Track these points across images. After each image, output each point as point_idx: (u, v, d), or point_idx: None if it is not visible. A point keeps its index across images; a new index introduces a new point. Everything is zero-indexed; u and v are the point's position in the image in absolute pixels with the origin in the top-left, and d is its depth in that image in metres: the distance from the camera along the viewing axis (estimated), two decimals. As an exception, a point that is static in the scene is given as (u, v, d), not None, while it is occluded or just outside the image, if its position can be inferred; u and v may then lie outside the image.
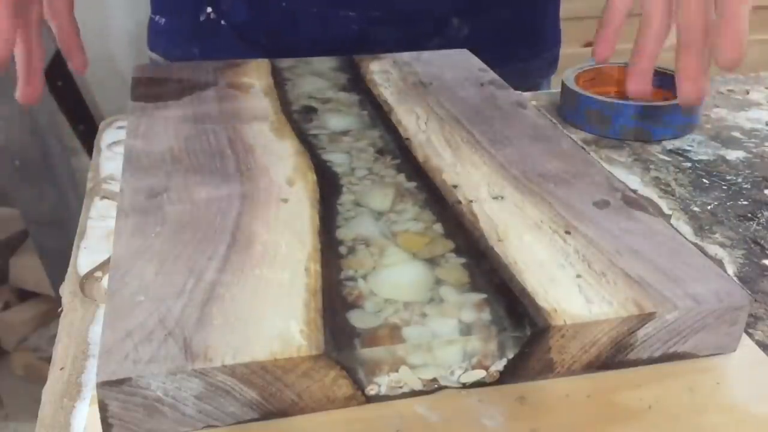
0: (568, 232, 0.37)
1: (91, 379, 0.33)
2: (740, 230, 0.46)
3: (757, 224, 0.46)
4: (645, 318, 0.32)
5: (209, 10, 0.66)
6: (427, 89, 0.56)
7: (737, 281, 0.40)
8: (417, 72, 0.59)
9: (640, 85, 0.42)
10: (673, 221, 0.47)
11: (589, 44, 1.66)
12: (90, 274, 0.41)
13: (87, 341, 0.36)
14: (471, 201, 0.40)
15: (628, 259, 0.35)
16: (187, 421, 0.29)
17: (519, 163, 0.44)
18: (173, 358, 0.29)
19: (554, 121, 0.61)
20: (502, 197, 0.41)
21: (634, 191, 0.50)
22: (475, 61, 0.62)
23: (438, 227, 0.38)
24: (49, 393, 0.33)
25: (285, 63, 0.60)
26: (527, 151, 0.46)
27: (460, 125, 0.50)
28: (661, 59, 0.44)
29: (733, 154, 0.56)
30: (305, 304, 0.32)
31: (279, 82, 0.56)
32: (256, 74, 0.58)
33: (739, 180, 0.52)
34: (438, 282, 0.34)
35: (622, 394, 0.32)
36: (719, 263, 0.42)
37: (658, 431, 0.30)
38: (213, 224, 0.38)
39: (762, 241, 0.44)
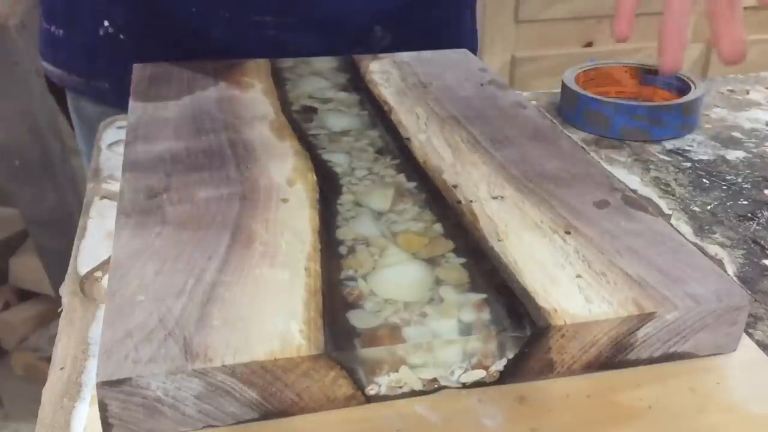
0: (568, 232, 0.37)
1: (91, 379, 0.33)
2: (740, 230, 0.46)
3: (757, 224, 0.46)
4: (645, 318, 0.32)
5: (106, 23, 0.62)
6: (427, 89, 0.56)
7: (737, 281, 0.41)
8: (417, 72, 0.59)
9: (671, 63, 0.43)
10: (673, 221, 0.47)
11: (589, 44, 1.67)
12: (90, 274, 0.41)
13: (87, 341, 0.36)
14: (471, 201, 0.40)
15: (628, 259, 0.35)
16: (187, 421, 0.29)
17: (519, 163, 0.44)
18: (173, 358, 0.29)
19: (554, 121, 0.61)
20: (502, 197, 0.41)
21: (634, 191, 0.50)
22: (475, 61, 0.62)
23: (438, 227, 0.38)
24: (49, 393, 0.33)
25: (285, 63, 0.60)
26: (527, 151, 0.46)
27: (460, 125, 0.50)
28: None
29: (733, 154, 0.56)
30: (305, 304, 0.32)
31: (279, 82, 0.56)
32: (256, 74, 0.58)
33: (739, 180, 0.52)
34: (438, 282, 0.34)
35: (622, 394, 0.32)
36: (719, 263, 0.42)
37: (658, 431, 0.30)
38: (213, 224, 0.38)
39: (762, 241, 0.44)
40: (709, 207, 0.48)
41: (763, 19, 1.65)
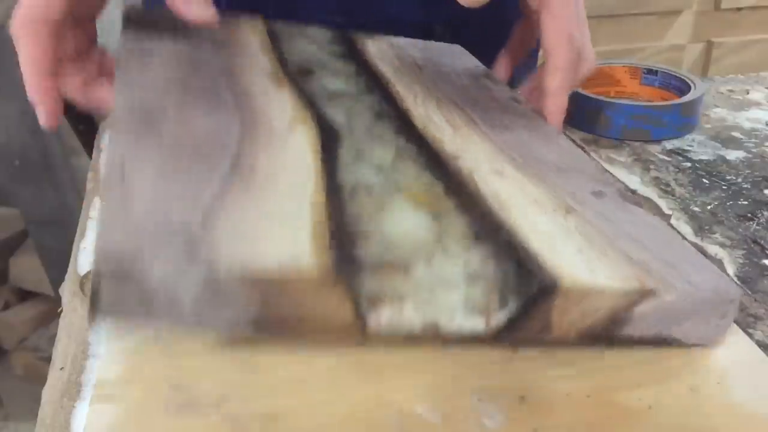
0: (568, 212, 0.37)
1: (91, 378, 0.33)
2: (740, 230, 0.46)
3: (757, 224, 0.46)
4: (645, 294, 0.32)
5: None
6: (422, 72, 0.55)
7: (736, 280, 0.41)
8: (413, 55, 0.58)
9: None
10: (673, 221, 0.47)
11: (589, 44, 1.67)
12: (90, 274, 0.41)
13: (87, 341, 0.36)
14: (472, 171, 0.39)
15: (627, 244, 0.35)
16: (178, 321, 0.28)
17: (517, 148, 0.44)
18: (177, 253, 0.27)
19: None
20: (502, 173, 0.40)
21: (634, 191, 0.50)
22: (470, 57, 0.62)
23: (440, 187, 0.37)
24: (49, 393, 0.33)
25: (280, 26, 0.58)
26: (525, 140, 0.45)
27: (458, 108, 0.49)
28: (660, 59, 0.44)
29: (733, 154, 0.56)
30: (312, 232, 0.31)
31: (275, 42, 0.54)
32: (252, 31, 0.55)
33: (739, 180, 0.52)
34: (444, 233, 0.33)
35: (622, 394, 0.32)
36: (719, 263, 0.42)
37: (658, 431, 0.30)
38: (214, 148, 0.35)
39: (762, 241, 0.44)
40: (709, 207, 0.48)
41: (763, 19, 1.65)
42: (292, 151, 0.37)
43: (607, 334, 0.33)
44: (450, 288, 0.30)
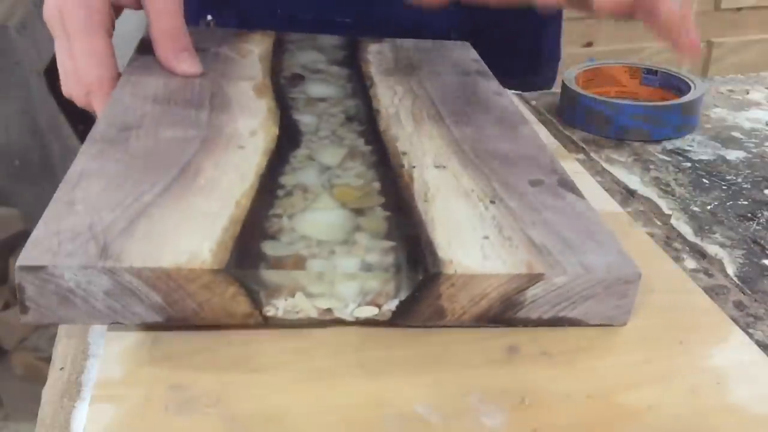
0: (492, 202, 0.39)
1: (91, 379, 0.33)
2: (740, 230, 0.46)
3: (757, 224, 0.46)
4: (534, 278, 0.33)
5: (209, 18, 0.66)
6: (414, 71, 0.57)
7: (736, 279, 0.41)
8: (411, 56, 0.60)
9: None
10: (673, 221, 0.47)
11: (589, 44, 1.67)
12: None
13: (87, 341, 0.36)
14: (414, 167, 0.42)
15: (539, 230, 0.37)
16: (96, 315, 0.32)
17: (472, 141, 0.46)
18: (89, 256, 0.31)
19: (553, 117, 0.61)
20: (444, 167, 0.42)
21: (634, 191, 0.50)
22: (472, 53, 0.62)
23: (376, 185, 0.39)
24: (49, 393, 0.33)
25: (291, 36, 0.61)
26: (485, 131, 0.47)
27: (430, 103, 0.51)
28: (660, 59, 0.44)
29: (733, 154, 0.56)
30: (223, 230, 0.34)
31: (277, 51, 0.58)
32: (259, 43, 0.59)
33: (739, 180, 0.52)
34: (357, 228, 0.35)
35: (622, 394, 0.32)
36: (719, 263, 0.42)
37: (658, 431, 0.30)
38: (167, 158, 0.39)
39: (762, 241, 0.44)
40: (709, 207, 0.48)
41: (763, 19, 1.65)
42: (243, 155, 0.41)
43: (504, 317, 0.34)
44: (344, 277, 0.32)
